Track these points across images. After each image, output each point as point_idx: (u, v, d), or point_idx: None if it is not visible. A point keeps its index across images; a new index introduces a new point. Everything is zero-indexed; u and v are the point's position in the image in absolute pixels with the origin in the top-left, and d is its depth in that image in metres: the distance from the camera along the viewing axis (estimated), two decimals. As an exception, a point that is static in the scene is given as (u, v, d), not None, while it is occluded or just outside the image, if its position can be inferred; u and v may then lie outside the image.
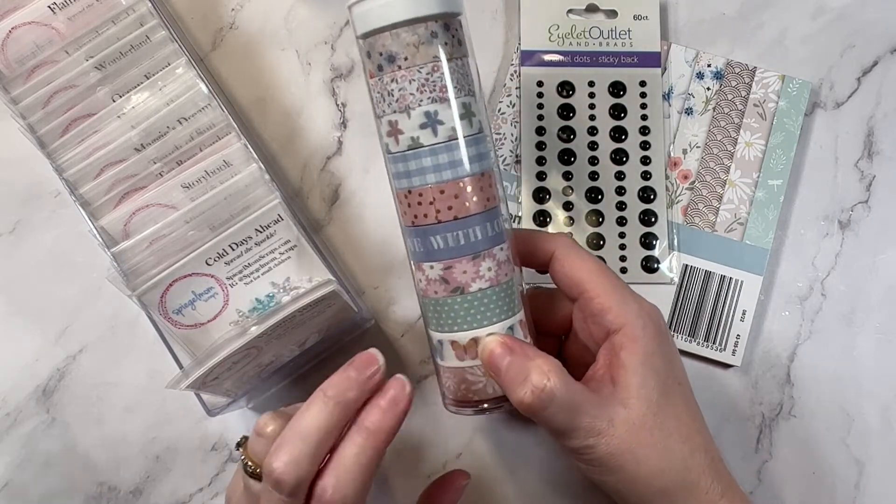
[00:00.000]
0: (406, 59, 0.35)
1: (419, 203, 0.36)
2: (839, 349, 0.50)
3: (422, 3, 0.34)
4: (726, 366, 0.49)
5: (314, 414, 0.33)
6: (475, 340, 0.36)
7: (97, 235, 0.44)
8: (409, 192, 0.36)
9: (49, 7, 0.47)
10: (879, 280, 0.50)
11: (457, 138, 0.35)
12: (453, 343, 0.37)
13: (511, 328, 0.37)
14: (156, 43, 0.47)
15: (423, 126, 0.35)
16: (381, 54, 0.35)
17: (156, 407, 0.49)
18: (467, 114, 0.35)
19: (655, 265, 0.50)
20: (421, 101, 0.35)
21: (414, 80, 0.35)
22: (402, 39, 0.35)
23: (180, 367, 0.43)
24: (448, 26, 0.35)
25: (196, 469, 0.48)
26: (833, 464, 0.49)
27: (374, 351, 0.35)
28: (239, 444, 0.37)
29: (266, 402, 0.48)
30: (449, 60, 0.35)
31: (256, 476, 0.35)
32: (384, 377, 0.35)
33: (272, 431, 0.34)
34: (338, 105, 0.52)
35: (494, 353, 0.35)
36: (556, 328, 0.41)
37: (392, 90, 0.35)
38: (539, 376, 0.34)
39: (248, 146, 0.45)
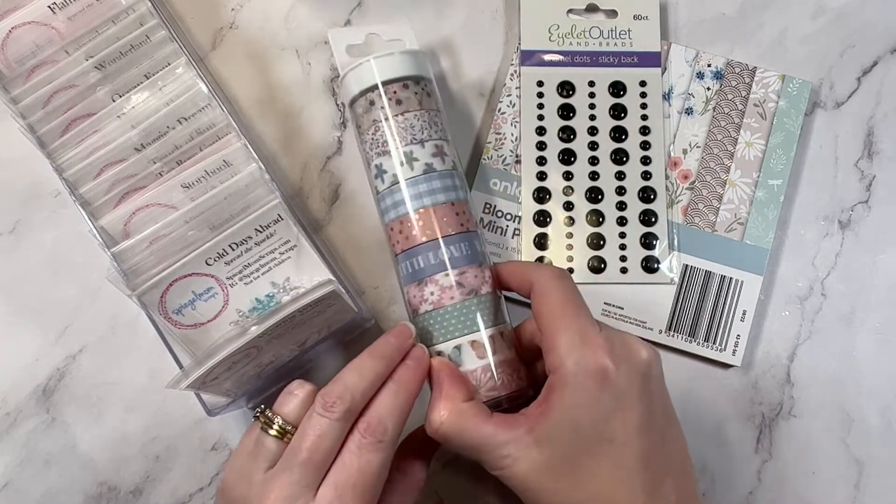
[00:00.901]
0: (360, 126, 0.45)
1: (389, 238, 0.44)
2: (839, 349, 0.50)
3: (354, 85, 0.44)
4: (726, 366, 0.49)
5: (365, 361, 0.39)
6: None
7: (97, 235, 0.44)
8: (386, 228, 0.44)
9: (49, 7, 0.47)
10: (879, 280, 0.50)
11: (398, 182, 0.43)
12: None
13: (458, 348, 0.41)
14: (156, 43, 0.47)
15: (376, 176, 0.44)
16: (352, 122, 0.46)
17: (156, 407, 0.49)
18: (408, 160, 0.43)
19: (655, 265, 0.50)
20: (373, 156, 0.44)
21: (366, 141, 0.44)
22: (355, 110, 0.45)
23: (180, 367, 0.43)
24: (384, 92, 0.43)
25: (196, 469, 0.48)
26: (833, 464, 0.49)
27: (407, 324, 0.42)
28: (258, 414, 0.39)
29: (266, 402, 0.48)
30: (386, 120, 0.43)
31: (282, 433, 0.38)
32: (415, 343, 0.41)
33: (303, 392, 0.39)
34: (338, 105, 0.52)
35: (429, 379, 0.40)
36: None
37: (362, 150, 0.45)
38: (435, 416, 0.38)
39: (248, 146, 0.45)
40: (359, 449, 0.37)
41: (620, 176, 0.51)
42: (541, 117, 0.51)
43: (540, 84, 0.52)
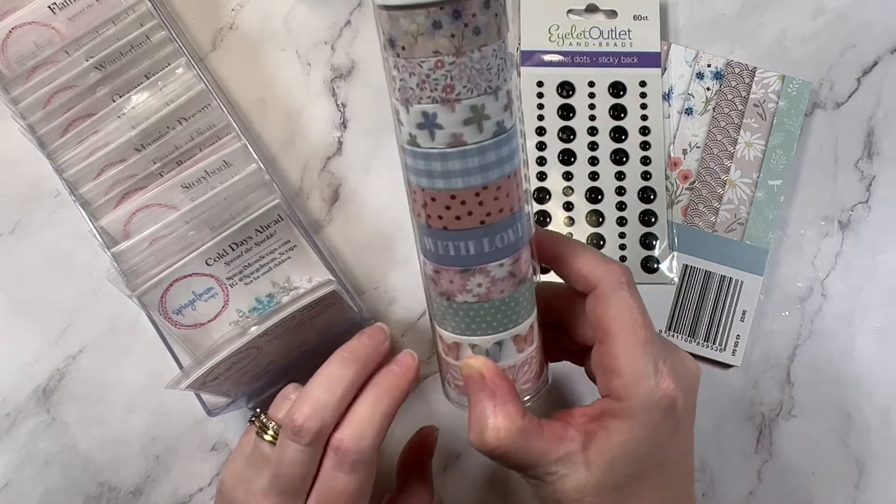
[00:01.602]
0: (404, 48, 0.30)
1: (423, 206, 0.33)
2: (839, 349, 0.50)
3: None
4: (726, 366, 0.49)
5: (335, 369, 0.36)
6: (457, 345, 0.36)
7: (97, 235, 0.44)
8: (412, 191, 0.34)
9: (49, 7, 0.47)
10: (879, 280, 0.51)
11: (459, 146, 0.31)
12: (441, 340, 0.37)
13: (499, 343, 0.35)
14: (156, 43, 0.47)
15: (419, 126, 0.31)
16: (383, 32, 0.31)
17: (156, 407, 0.49)
18: (477, 118, 0.31)
19: (655, 265, 0.50)
20: (420, 98, 0.31)
21: (414, 74, 0.30)
22: (400, 25, 0.30)
23: (180, 367, 0.43)
24: (459, 13, 0.29)
25: (196, 469, 0.48)
26: (833, 464, 0.49)
27: (381, 324, 0.38)
28: (253, 417, 0.38)
29: (266, 402, 0.48)
30: (458, 55, 0.30)
31: (276, 439, 0.36)
32: (391, 346, 0.38)
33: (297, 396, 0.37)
34: (338, 105, 0.52)
35: (468, 380, 0.35)
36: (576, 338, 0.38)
37: (394, 76, 0.31)
38: (490, 434, 0.33)
39: (248, 146, 0.45)
40: (334, 471, 0.35)
41: (620, 176, 0.51)
42: (541, 117, 0.51)
43: (540, 84, 0.52)
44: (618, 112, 0.51)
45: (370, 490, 0.36)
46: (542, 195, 0.51)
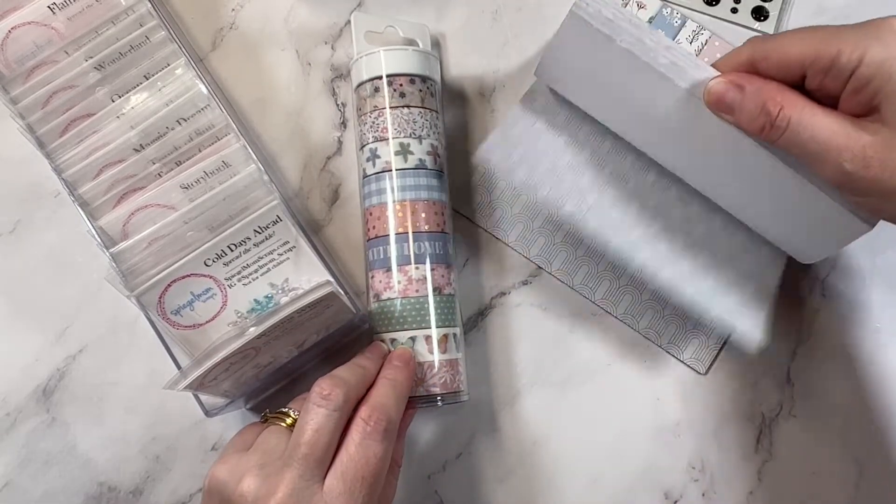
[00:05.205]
0: (360, 109, 0.46)
1: (366, 221, 0.46)
2: (839, 349, 0.50)
3: (364, 70, 0.46)
4: (726, 366, 0.49)
5: (350, 367, 0.40)
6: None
7: (96, 235, 0.44)
8: (365, 212, 0.46)
9: (49, 7, 0.47)
10: (879, 280, 0.50)
11: (389, 170, 0.44)
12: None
13: (413, 339, 0.43)
14: (155, 43, 0.47)
15: (367, 159, 0.45)
16: (354, 103, 0.47)
17: (156, 407, 0.49)
18: (404, 151, 0.44)
19: (655, 265, 0.50)
20: (369, 139, 0.45)
21: (365, 123, 0.46)
22: (359, 93, 0.47)
23: (179, 367, 0.43)
24: (391, 82, 0.45)
25: (196, 469, 0.49)
26: (833, 464, 0.49)
27: (381, 344, 0.44)
28: (267, 413, 0.41)
29: (264, 403, 0.48)
30: (391, 109, 0.45)
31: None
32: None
33: None
34: (338, 105, 0.52)
35: (720, 94, 0.40)
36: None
37: (358, 132, 0.47)
38: (773, 106, 0.38)
39: (248, 147, 0.45)
40: (364, 439, 0.37)
41: (620, 176, 0.51)
42: (540, 117, 0.51)
43: (539, 84, 0.52)
44: (617, 112, 0.51)
45: (388, 465, 0.38)
46: (542, 195, 0.51)
